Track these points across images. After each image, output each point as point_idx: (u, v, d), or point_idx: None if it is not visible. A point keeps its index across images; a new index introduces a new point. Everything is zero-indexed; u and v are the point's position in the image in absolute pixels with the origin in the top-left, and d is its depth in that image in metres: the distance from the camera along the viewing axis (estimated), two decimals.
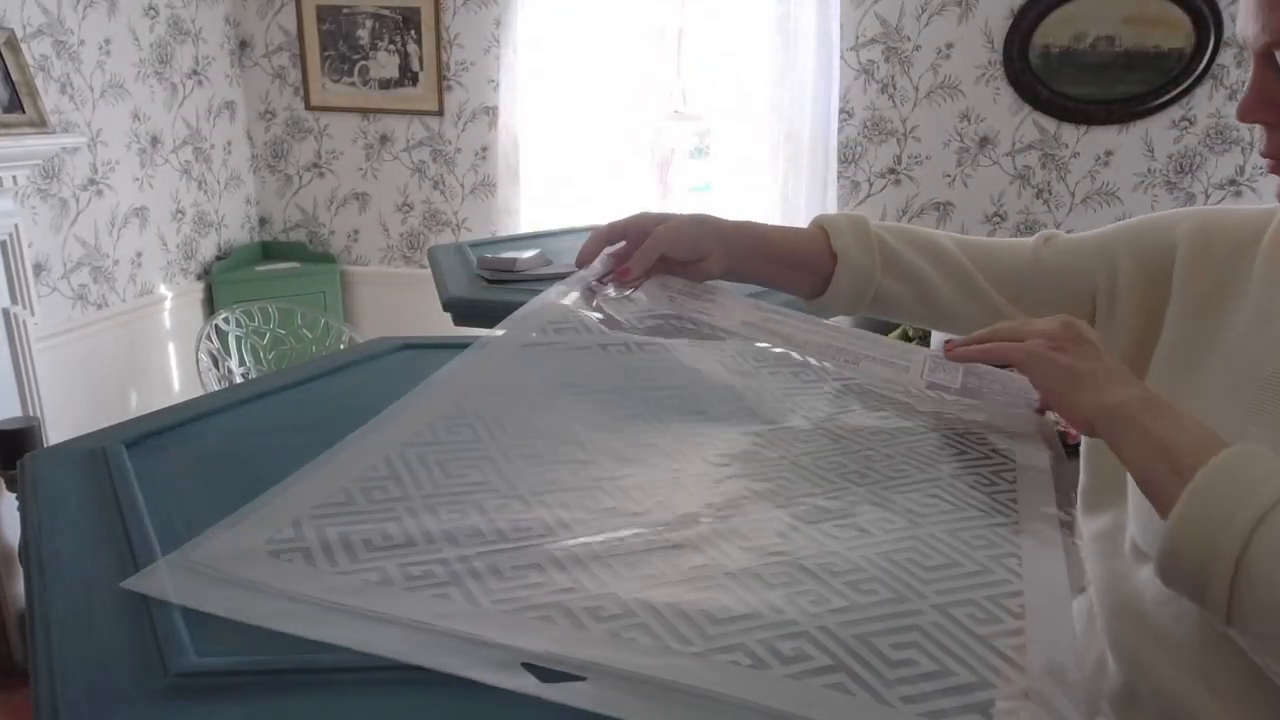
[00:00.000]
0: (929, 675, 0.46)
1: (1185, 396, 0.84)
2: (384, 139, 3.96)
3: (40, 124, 2.82)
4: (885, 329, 3.34)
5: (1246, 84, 0.81)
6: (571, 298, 0.86)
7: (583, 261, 0.92)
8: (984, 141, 3.48)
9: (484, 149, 3.87)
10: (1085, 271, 0.97)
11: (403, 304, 4.06)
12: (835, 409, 0.79)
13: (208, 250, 3.90)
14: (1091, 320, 0.96)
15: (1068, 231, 3.15)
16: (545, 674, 0.45)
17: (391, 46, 3.81)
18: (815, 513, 0.61)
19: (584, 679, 0.44)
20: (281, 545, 0.55)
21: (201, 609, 0.50)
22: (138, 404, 3.49)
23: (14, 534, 2.70)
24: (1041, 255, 1.02)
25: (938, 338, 2.52)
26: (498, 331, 0.81)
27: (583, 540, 0.56)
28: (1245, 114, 0.81)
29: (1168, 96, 3.26)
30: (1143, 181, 3.39)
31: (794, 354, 0.89)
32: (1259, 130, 0.82)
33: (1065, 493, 0.66)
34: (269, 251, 4.13)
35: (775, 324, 0.91)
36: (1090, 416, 0.70)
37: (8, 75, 2.76)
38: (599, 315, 0.84)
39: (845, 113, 3.54)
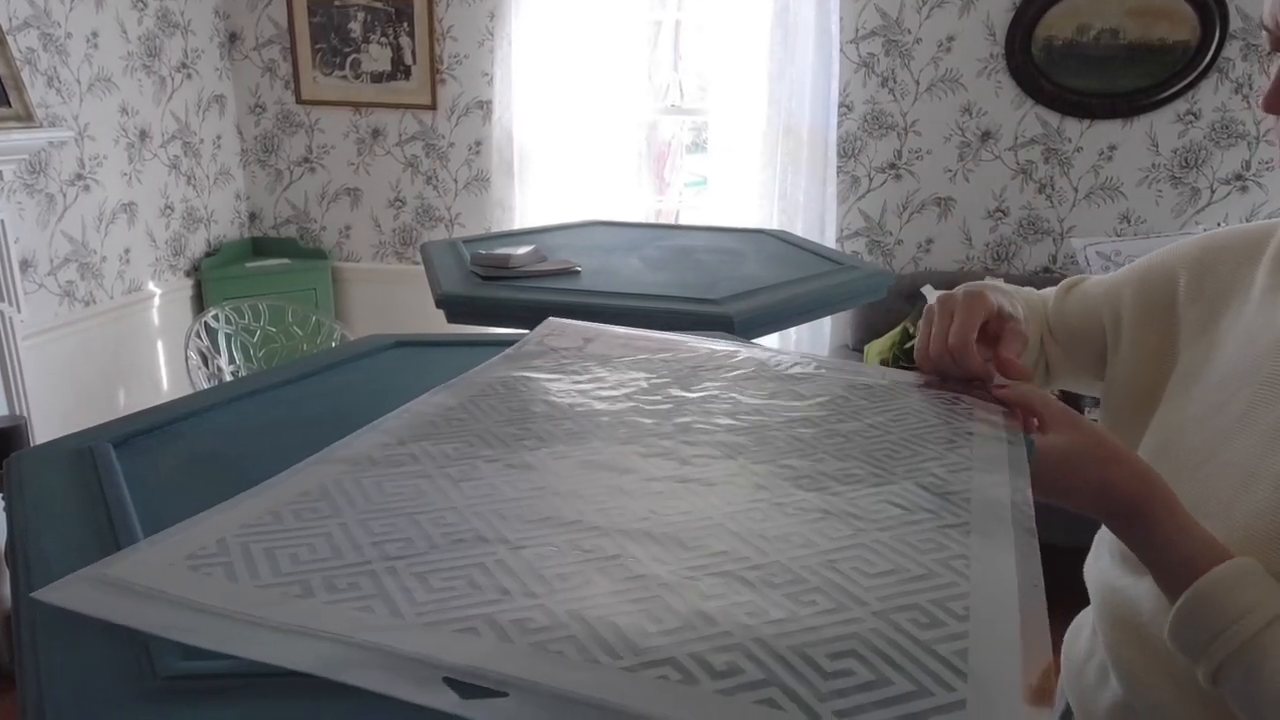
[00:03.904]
0: (865, 686, 0.44)
1: (1186, 404, 0.86)
2: (376, 133, 3.91)
3: (26, 118, 2.79)
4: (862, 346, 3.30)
5: (1274, 73, 0.78)
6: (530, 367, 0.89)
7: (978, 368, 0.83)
8: (985, 136, 3.44)
9: (478, 143, 3.83)
10: (1094, 315, 1.00)
11: (395, 301, 4.03)
12: (791, 411, 0.79)
13: (197, 246, 3.86)
14: (1104, 356, 0.99)
15: (1070, 229, 3.12)
16: (466, 689, 0.43)
17: (384, 39, 3.77)
18: (759, 521, 0.60)
19: (506, 695, 0.43)
20: (202, 560, 0.53)
21: (111, 620, 0.49)
22: (126, 402, 3.46)
23: (0, 534, 2.67)
24: (1064, 307, 1.05)
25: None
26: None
27: (516, 550, 0.55)
28: (1272, 104, 0.79)
29: (1172, 90, 3.23)
30: (1147, 176, 3.36)
31: (767, 358, 0.91)
32: (1271, 122, 0.81)
33: (1024, 485, 0.65)
34: (259, 248, 4.10)
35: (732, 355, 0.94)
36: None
37: None
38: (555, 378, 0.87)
39: (845, 106, 3.50)
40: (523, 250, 1.85)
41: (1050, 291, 1.08)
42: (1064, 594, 0.74)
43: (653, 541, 0.56)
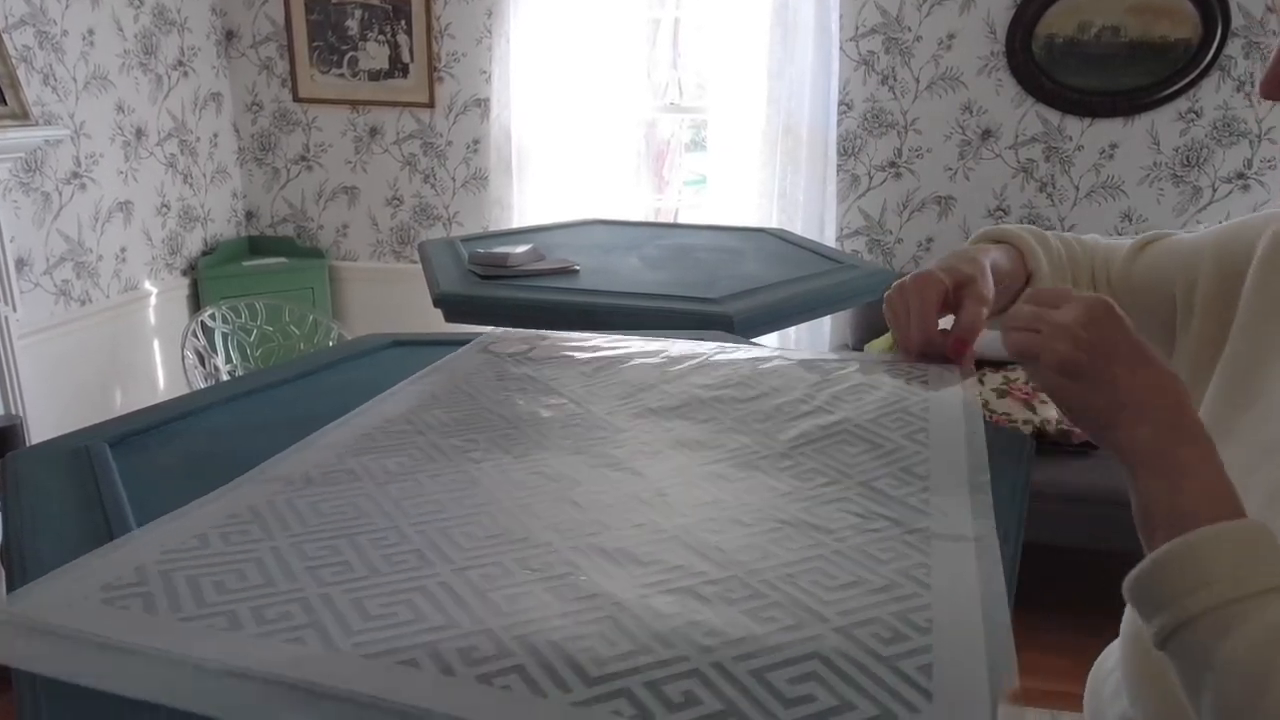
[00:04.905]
0: (828, 712, 0.42)
1: (1240, 410, 0.78)
2: (373, 131, 3.90)
3: (22, 116, 2.77)
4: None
5: (1271, 57, 0.75)
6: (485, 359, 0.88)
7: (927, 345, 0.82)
8: (986, 134, 3.43)
9: (476, 142, 3.81)
10: (1166, 281, 0.90)
11: (392, 300, 4.01)
12: (745, 409, 0.76)
13: (193, 245, 3.84)
14: (1173, 330, 0.89)
15: (1070, 228, 3.09)
16: None
17: (381, 37, 3.76)
18: (715, 533, 0.57)
19: None
20: (119, 592, 0.50)
21: (15, 666, 0.45)
22: (122, 402, 3.44)
23: None
24: (1133, 267, 0.95)
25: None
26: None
27: (461, 570, 0.52)
28: (1269, 89, 0.74)
29: (1174, 88, 3.21)
30: (1148, 175, 3.34)
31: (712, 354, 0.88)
32: None
33: (984, 481, 0.63)
34: (256, 246, 4.08)
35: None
36: (1107, 450, 0.68)
37: None
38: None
39: (845, 105, 3.49)
40: (521, 249, 1.84)
41: (1123, 243, 0.98)
42: (1063, 593, 0.71)
43: (605, 557, 0.54)
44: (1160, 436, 0.64)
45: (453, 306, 1.68)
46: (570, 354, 0.90)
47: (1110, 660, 0.94)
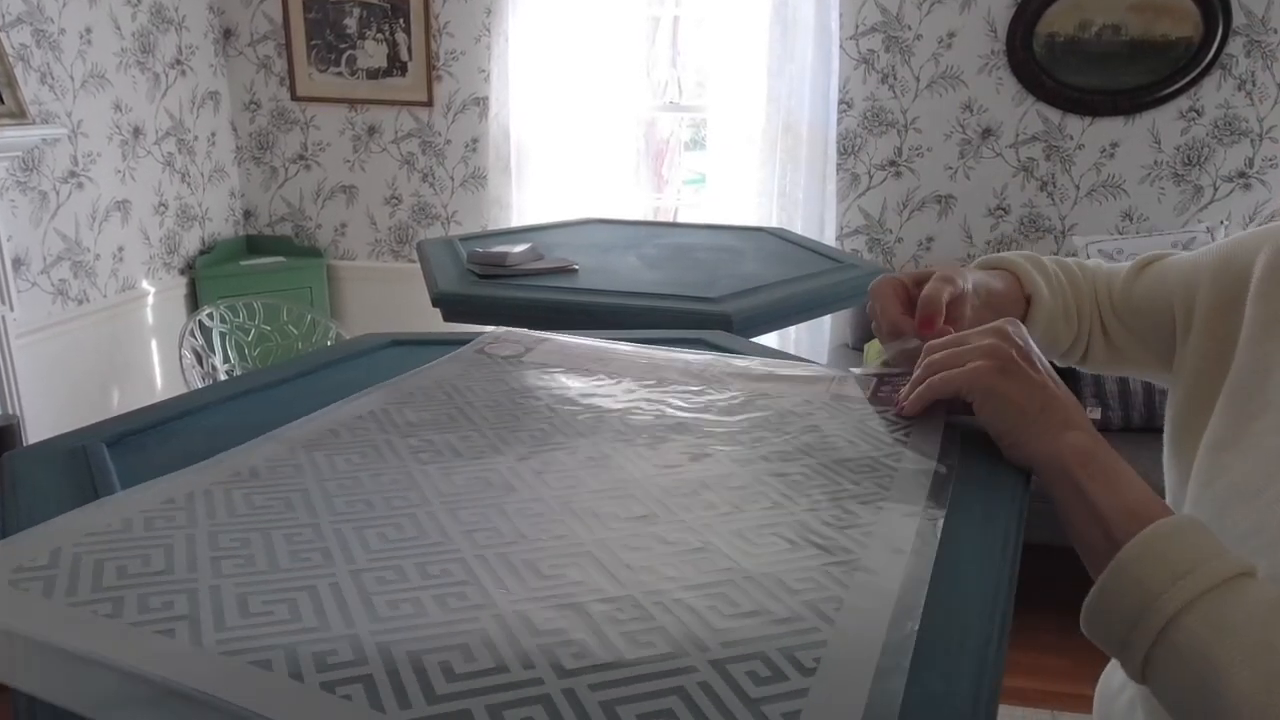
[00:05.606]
0: None
1: (1250, 419, 0.77)
2: (372, 130, 3.89)
3: (19, 115, 2.77)
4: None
5: None
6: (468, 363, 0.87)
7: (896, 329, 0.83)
8: (986, 133, 3.42)
9: (474, 141, 3.80)
10: (1166, 299, 0.90)
11: (391, 299, 4.00)
12: (716, 427, 0.74)
13: (191, 244, 3.83)
14: (1174, 346, 0.89)
15: (1071, 227, 3.07)
16: None
17: (380, 36, 3.75)
18: (631, 550, 0.55)
19: None
20: (27, 574, 0.49)
21: None
22: (119, 402, 3.43)
23: None
24: (1134, 287, 0.95)
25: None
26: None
27: (358, 572, 0.51)
28: None
29: (1175, 87, 3.21)
30: (1149, 174, 3.34)
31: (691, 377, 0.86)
32: None
33: (939, 504, 0.60)
34: (254, 245, 4.07)
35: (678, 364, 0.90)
36: (1030, 461, 0.68)
37: None
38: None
39: (844, 103, 3.48)
40: (520, 248, 1.83)
41: (1122, 267, 0.98)
42: (1063, 593, 0.69)
43: (507, 568, 0.52)
44: (1090, 440, 0.67)
45: (451, 306, 1.67)
46: (563, 360, 0.89)
47: (1117, 679, 0.91)
